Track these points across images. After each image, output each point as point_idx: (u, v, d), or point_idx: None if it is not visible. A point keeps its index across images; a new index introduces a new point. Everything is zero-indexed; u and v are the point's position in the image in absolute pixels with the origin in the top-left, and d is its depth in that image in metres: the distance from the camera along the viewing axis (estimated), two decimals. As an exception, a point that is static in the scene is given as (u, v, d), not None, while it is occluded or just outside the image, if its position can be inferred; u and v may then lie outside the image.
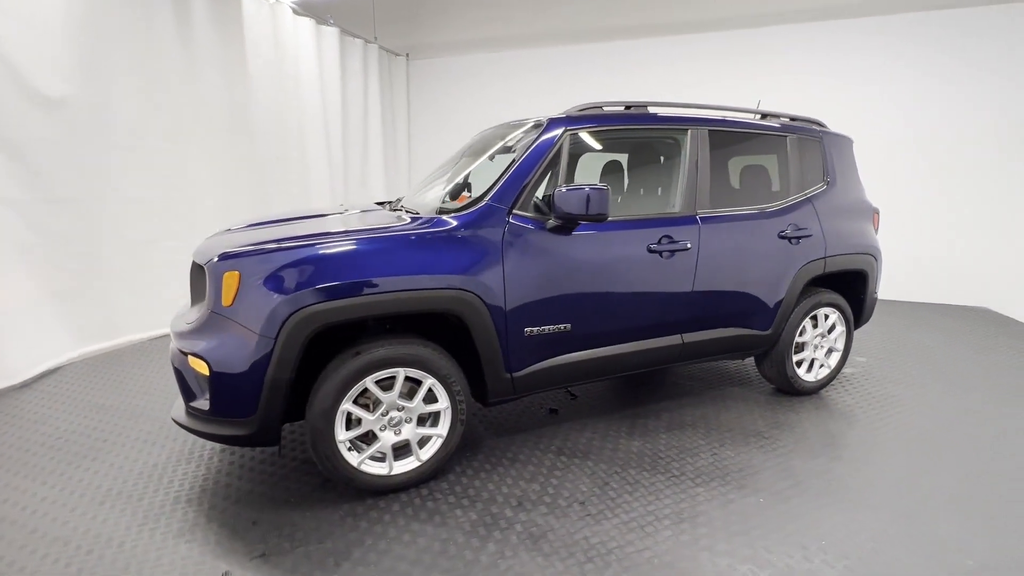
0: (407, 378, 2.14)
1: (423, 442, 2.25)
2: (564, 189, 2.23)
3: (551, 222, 2.35)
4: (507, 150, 2.58)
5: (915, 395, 3.30)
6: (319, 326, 1.96)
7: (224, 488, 2.25)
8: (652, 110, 2.74)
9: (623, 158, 3.32)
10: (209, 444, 2.59)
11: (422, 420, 2.25)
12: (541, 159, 2.38)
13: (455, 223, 2.24)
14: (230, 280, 1.96)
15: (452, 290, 2.14)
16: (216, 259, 2.00)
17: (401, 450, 2.22)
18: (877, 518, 2.09)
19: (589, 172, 3.28)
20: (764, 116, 3.06)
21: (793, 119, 3.15)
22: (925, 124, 5.50)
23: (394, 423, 2.18)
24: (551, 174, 2.43)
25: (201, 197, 4.44)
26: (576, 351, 2.48)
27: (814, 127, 3.20)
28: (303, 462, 2.45)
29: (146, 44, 3.93)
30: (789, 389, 3.20)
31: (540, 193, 2.41)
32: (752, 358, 3.30)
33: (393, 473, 2.19)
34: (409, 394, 2.17)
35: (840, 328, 3.25)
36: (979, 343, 4.39)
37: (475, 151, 2.95)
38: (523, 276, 2.28)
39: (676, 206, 2.70)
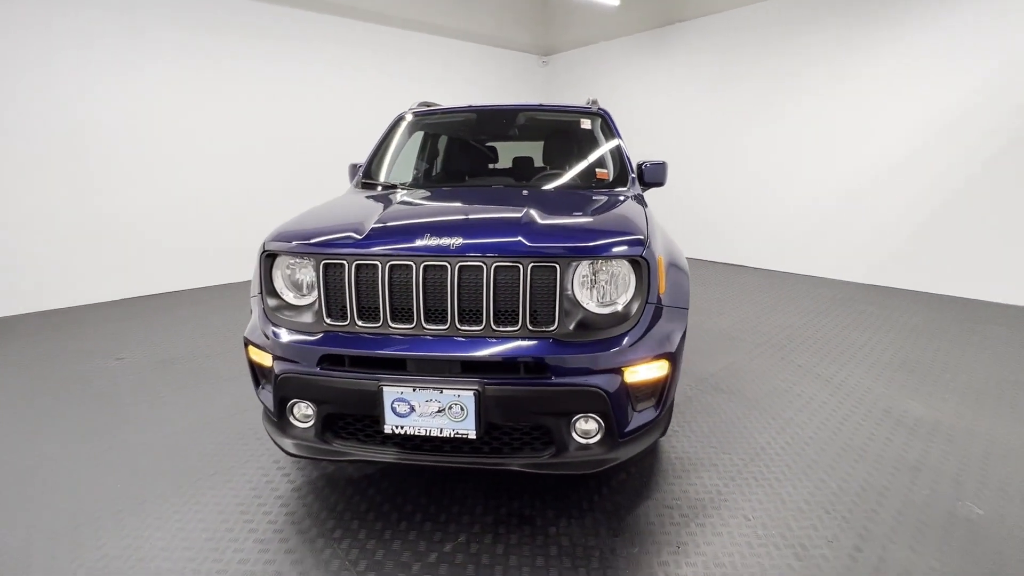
0: None
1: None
2: (651, 164, 2.86)
3: (639, 189, 2.81)
4: (581, 131, 3.09)
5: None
6: None
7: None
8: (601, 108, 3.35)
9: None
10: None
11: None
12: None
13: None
14: (662, 266, 1.85)
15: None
16: (644, 247, 1.74)
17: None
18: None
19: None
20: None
21: None
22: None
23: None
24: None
25: None
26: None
27: None
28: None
29: None
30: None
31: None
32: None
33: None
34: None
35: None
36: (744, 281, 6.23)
37: (503, 133, 3.35)
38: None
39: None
